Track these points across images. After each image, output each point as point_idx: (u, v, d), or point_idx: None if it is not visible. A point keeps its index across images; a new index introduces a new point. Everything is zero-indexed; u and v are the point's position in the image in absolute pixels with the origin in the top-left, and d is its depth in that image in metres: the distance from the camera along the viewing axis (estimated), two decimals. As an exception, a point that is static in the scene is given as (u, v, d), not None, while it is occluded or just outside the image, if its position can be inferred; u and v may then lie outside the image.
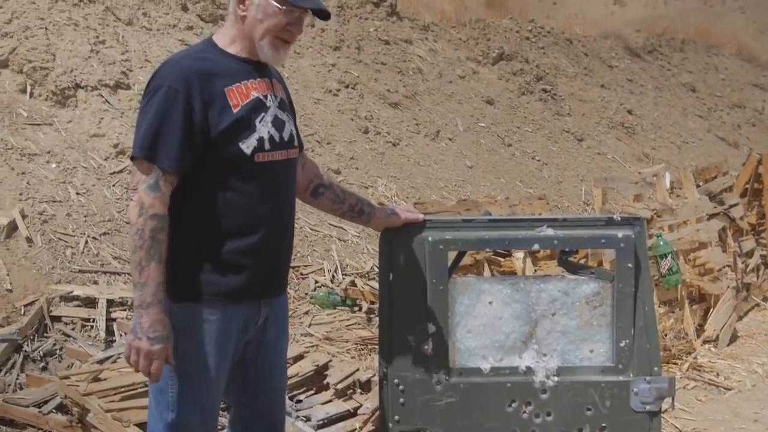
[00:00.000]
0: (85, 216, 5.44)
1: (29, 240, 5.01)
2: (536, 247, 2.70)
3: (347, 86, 8.77)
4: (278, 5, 2.33)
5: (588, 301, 2.68)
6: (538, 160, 9.62)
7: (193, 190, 2.34)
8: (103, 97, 6.46)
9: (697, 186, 6.74)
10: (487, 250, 4.68)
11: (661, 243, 5.35)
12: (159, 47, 7.37)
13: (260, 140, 2.35)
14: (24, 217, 5.12)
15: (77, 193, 5.58)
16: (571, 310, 2.67)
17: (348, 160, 7.62)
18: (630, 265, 2.61)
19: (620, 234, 2.62)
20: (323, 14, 2.43)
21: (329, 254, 6.20)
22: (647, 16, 24.92)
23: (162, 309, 2.27)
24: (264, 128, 2.37)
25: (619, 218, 2.66)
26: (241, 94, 2.35)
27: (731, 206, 6.95)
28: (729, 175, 7.21)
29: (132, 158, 2.31)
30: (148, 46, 7.32)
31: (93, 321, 4.64)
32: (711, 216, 6.45)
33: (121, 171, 5.96)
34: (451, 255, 2.73)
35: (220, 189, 2.34)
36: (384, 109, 8.86)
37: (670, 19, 22.82)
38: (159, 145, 2.25)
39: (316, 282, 5.79)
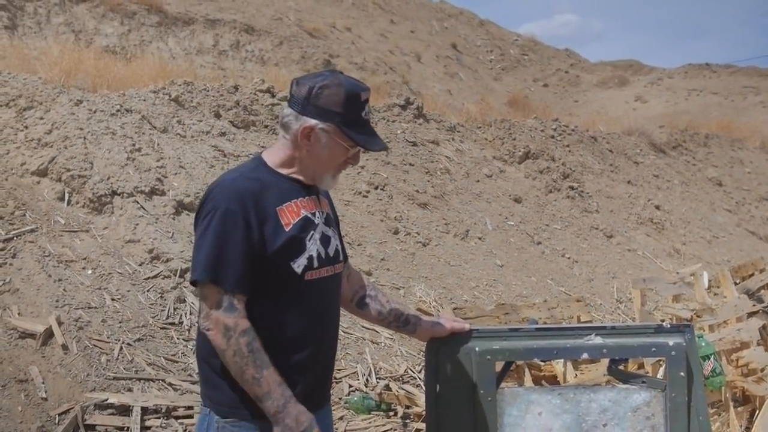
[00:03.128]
0: (119, 322, 5.45)
1: (65, 347, 5.01)
2: (585, 356, 2.64)
3: (376, 187, 8.86)
4: (347, 146, 2.38)
5: (639, 411, 2.61)
6: (568, 258, 9.56)
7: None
8: (138, 203, 6.57)
9: (735, 284, 6.64)
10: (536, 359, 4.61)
11: (703, 344, 5.21)
12: (193, 153, 7.53)
13: (310, 259, 2.36)
14: (60, 324, 5.14)
15: (112, 299, 5.61)
16: (622, 421, 2.60)
17: (379, 261, 7.62)
18: (682, 373, 2.54)
19: (671, 342, 2.56)
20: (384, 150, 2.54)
21: (362, 357, 6.13)
22: (669, 112, 25.26)
23: (296, 401, 2.25)
24: (313, 246, 2.38)
25: (668, 326, 2.61)
26: (291, 213, 2.36)
27: (770, 303, 6.82)
28: (766, 272, 7.11)
29: (195, 282, 2.30)
30: (183, 152, 7.47)
31: (127, 430, 4.59)
32: (750, 314, 6.32)
33: (155, 276, 6.00)
34: (499, 365, 2.69)
35: (270, 307, 2.32)
36: (413, 210, 8.92)
37: (692, 114, 23.11)
38: (224, 267, 2.24)
39: (350, 386, 5.71)
